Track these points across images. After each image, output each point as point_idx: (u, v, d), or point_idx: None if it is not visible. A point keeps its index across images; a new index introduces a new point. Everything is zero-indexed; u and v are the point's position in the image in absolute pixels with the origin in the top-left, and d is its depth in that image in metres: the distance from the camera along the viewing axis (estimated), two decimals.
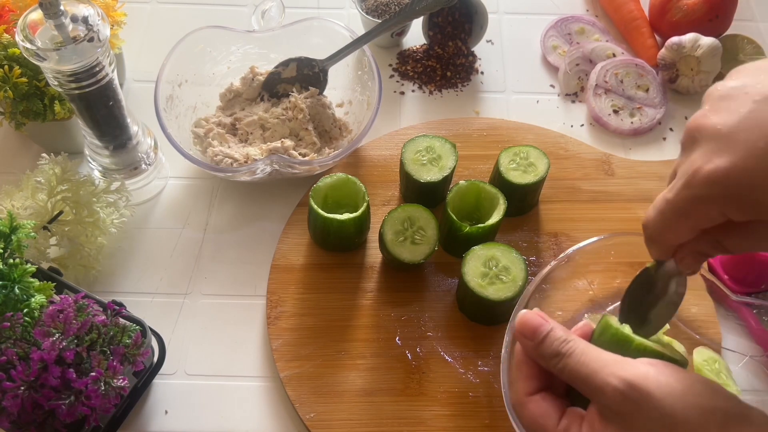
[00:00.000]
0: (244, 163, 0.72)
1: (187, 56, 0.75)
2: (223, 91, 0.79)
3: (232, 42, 0.79)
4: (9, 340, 0.51)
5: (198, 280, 0.70)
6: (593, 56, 0.87)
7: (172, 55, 0.73)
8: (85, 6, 0.59)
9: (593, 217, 0.74)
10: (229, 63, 0.80)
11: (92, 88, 0.61)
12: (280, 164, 0.68)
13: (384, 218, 0.66)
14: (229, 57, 0.80)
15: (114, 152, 0.70)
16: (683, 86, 0.85)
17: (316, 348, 0.64)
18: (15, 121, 0.69)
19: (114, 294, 0.68)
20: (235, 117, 0.78)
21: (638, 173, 0.77)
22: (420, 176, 0.69)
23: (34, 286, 0.55)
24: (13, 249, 0.56)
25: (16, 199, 0.65)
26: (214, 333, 0.67)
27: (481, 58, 0.89)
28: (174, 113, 0.74)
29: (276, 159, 0.67)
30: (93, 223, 0.67)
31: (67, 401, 0.50)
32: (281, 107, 0.77)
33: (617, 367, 0.40)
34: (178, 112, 0.75)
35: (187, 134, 0.75)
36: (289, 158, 0.71)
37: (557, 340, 0.43)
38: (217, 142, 0.75)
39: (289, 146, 0.74)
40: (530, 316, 0.45)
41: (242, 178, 0.70)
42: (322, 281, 0.68)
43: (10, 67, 0.66)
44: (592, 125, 0.84)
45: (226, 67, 0.80)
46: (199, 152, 0.75)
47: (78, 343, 0.52)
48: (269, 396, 0.63)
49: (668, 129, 0.84)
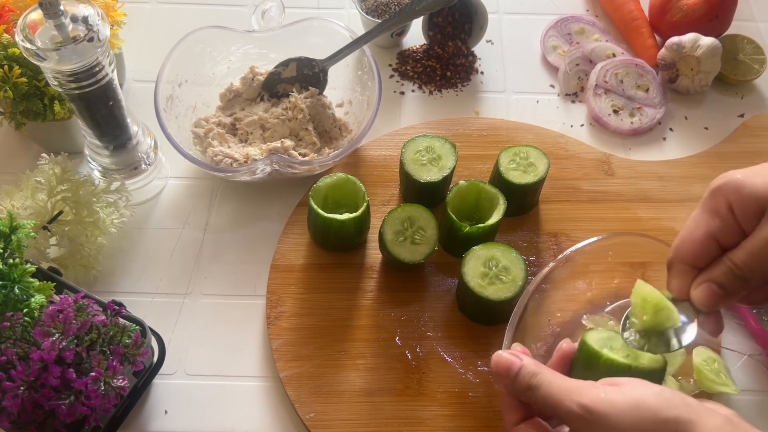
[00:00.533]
0: (244, 163, 0.72)
1: (188, 56, 0.75)
2: (223, 91, 0.79)
3: (232, 42, 0.79)
4: (9, 340, 0.51)
5: (198, 280, 0.70)
6: (593, 56, 0.87)
7: (172, 54, 0.73)
8: (85, 6, 0.59)
9: (593, 217, 0.74)
10: (229, 63, 0.80)
11: (92, 88, 0.61)
12: (280, 164, 0.68)
13: (384, 218, 0.66)
14: (229, 57, 0.80)
15: (114, 152, 0.70)
16: (683, 86, 0.85)
17: (316, 348, 0.64)
18: (15, 121, 0.69)
19: (114, 294, 0.68)
20: (235, 117, 0.78)
21: (638, 173, 0.77)
22: (420, 176, 0.69)
23: (34, 286, 0.55)
24: (13, 249, 0.56)
25: (16, 199, 0.65)
26: (214, 333, 0.67)
27: (481, 58, 0.89)
28: (174, 113, 0.74)
29: (276, 159, 0.67)
30: (93, 223, 0.67)
31: (67, 401, 0.50)
32: (281, 107, 0.77)
33: (577, 393, 0.43)
34: (178, 112, 0.75)
35: (187, 134, 0.75)
36: (289, 158, 0.71)
37: (527, 375, 0.46)
38: (217, 142, 0.75)
39: (289, 146, 0.74)
40: (503, 356, 0.48)
41: (242, 178, 0.70)
42: (322, 281, 0.68)
43: (10, 67, 0.66)
44: (592, 125, 0.84)
45: (226, 67, 0.80)
46: (199, 152, 0.75)
47: (78, 343, 0.52)
48: (269, 396, 0.63)
49: (668, 129, 0.84)
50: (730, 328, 0.67)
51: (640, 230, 0.73)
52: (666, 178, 0.77)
